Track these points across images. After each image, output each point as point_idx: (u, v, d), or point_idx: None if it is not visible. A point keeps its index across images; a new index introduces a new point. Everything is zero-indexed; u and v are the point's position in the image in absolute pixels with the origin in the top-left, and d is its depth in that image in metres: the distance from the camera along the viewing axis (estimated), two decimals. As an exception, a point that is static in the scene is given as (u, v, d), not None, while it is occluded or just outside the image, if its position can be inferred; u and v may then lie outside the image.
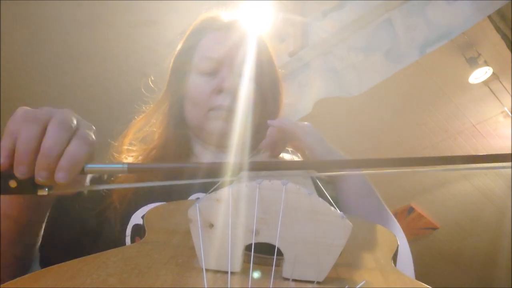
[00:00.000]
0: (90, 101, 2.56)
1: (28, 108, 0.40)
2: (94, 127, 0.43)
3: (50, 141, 0.37)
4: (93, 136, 0.41)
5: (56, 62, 2.33)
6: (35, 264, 0.53)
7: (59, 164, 0.37)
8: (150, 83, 0.78)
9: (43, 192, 0.39)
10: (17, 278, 0.27)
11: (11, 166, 0.37)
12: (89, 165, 0.39)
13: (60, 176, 0.36)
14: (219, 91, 0.66)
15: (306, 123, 0.60)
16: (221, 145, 0.70)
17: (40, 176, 0.37)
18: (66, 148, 0.38)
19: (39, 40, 2.20)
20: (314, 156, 0.57)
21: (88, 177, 0.66)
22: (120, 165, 0.40)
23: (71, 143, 0.38)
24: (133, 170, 0.41)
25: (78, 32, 2.17)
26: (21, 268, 0.51)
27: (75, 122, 0.40)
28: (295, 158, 0.60)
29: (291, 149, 0.67)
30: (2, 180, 0.37)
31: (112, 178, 0.65)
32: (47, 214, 0.51)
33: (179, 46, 0.75)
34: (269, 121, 0.59)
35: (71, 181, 0.37)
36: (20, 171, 0.37)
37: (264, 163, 0.42)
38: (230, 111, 0.66)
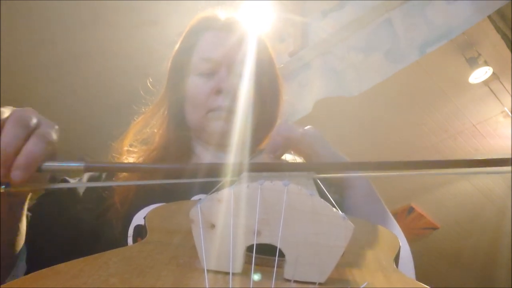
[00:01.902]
0: (91, 101, 2.56)
1: None
2: (57, 126, 0.42)
3: (5, 138, 0.37)
4: (54, 135, 0.41)
5: (57, 62, 2.33)
6: (20, 263, 0.53)
7: (15, 162, 0.37)
8: (149, 85, 0.78)
9: (0, 189, 0.39)
10: (18, 279, 0.27)
11: None
12: (47, 164, 0.39)
13: (16, 174, 0.36)
14: (218, 91, 0.66)
15: (310, 128, 0.57)
16: (222, 145, 0.70)
17: None
18: (23, 146, 0.37)
19: (39, 40, 2.20)
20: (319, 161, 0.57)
21: (85, 176, 0.66)
22: (77, 164, 0.39)
23: (28, 141, 0.38)
24: (90, 169, 0.41)
25: (79, 32, 2.17)
26: (4, 266, 0.51)
27: (34, 120, 0.40)
28: (297, 160, 0.60)
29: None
30: None
31: (113, 179, 0.65)
32: (24, 212, 0.50)
33: (176, 47, 0.74)
34: (277, 130, 0.56)
35: (28, 179, 0.37)
36: None
37: (266, 165, 0.42)
38: (229, 112, 0.66)
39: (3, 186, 0.39)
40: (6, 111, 0.39)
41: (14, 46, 2.21)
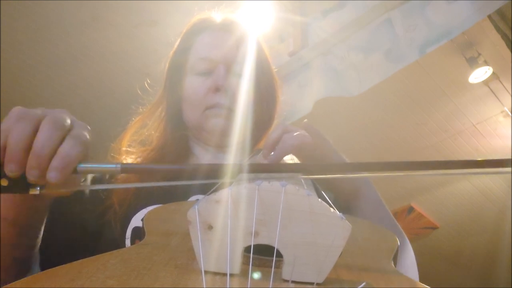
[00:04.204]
0: (91, 101, 2.56)
1: (23, 108, 0.39)
2: (89, 127, 0.42)
3: (41, 139, 0.37)
4: (88, 136, 0.41)
5: (57, 62, 2.33)
6: (35, 266, 0.53)
7: (51, 163, 0.36)
8: (147, 85, 0.78)
9: (35, 191, 0.39)
10: (17, 281, 0.27)
11: (2, 164, 0.37)
12: (82, 165, 0.38)
13: (52, 175, 0.36)
14: (215, 89, 0.66)
15: (311, 127, 0.55)
16: (220, 144, 0.70)
17: (31, 175, 0.37)
18: (59, 148, 0.37)
19: (39, 40, 2.20)
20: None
21: (89, 177, 0.66)
22: (113, 165, 0.39)
23: (64, 143, 0.38)
24: (126, 170, 0.41)
25: (79, 32, 2.17)
26: (21, 270, 0.51)
27: (68, 121, 0.40)
28: (295, 160, 0.59)
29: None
30: None
31: (112, 180, 0.65)
32: (46, 216, 0.50)
33: (174, 48, 0.75)
34: (277, 135, 0.53)
35: (64, 180, 0.37)
36: (10, 169, 0.36)
37: (264, 166, 0.42)
38: (227, 109, 0.67)
39: (38, 188, 0.39)
40: (40, 112, 0.39)
41: (14, 46, 2.21)
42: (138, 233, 0.56)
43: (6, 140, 0.36)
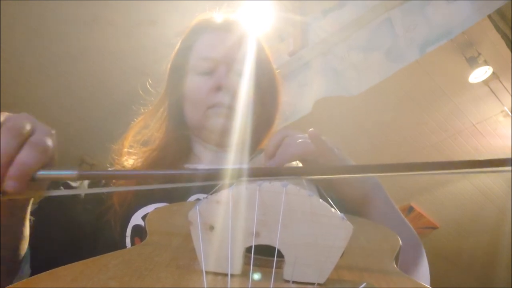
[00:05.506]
0: (90, 101, 2.56)
1: None
2: (53, 131, 0.42)
3: None
4: (49, 142, 0.40)
5: (56, 61, 2.33)
6: (25, 266, 0.53)
7: (8, 172, 0.36)
8: (148, 86, 0.78)
9: None
10: (18, 282, 0.27)
11: None
12: (41, 172, 0.38)
13: (9, 184, 0.36)
14: (217, 88, 0.67)
15: (318, 136, 0.53)
16: (222, 144, 0.70)
17: None
18: (17, 156, 0.37)
19: (39, 40, 2.20)
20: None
21: (86, 182, 0.66)
22: (70, 172, 0.39)
23: (21, 151, 0.37)
24: (83, 176, 0.41)
25: (78, 32, 2.17)
26: (9, 270, 0.51)
27: (28, 128, 0.39)
28: (299, 164, 0.59)
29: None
30: None
31: (113, 181, 0.65)
32: (26, 216, 0.50)
33: (175, 49, 0.75)
34: (277, 141, 0.53)
35: (22, 188, 0.37)
36: None
37: (265, 170, 0.42)
38: (229, 108, 0.67)
39: None
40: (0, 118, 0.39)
41: (13, 46, 2.21)
42: (138, 231, 0.56)
43: None
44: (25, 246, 0.52)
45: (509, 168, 0.36)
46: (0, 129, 0.37)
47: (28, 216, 0.50)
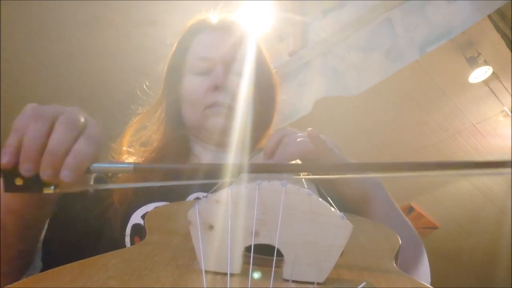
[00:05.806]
0: (89, 101, 2.56)
1: (37, 105, 0.39)
2: (101, 126, 0.43)
3: (56, 139, 0.37)
4: (100, 135, 0.41)
5: (56, 61, 2.33)
6: (37, 259, 0.53)
7: (65, 162, 0.36)
8: (146, 86, 0.79)
9: (49, 190, 0.39)
10: (18, 281, 0.27)
11: (17, 163, 0.37)
12: (95, 164, 0.38)
13: (66, 174, 0.36)
14: (214, 88, 0.67)
15: (317, 136, 0.53)
16: (221, 143, 0.70)
17: (45, 174, 0.36)
18: (73, 147, 0.37)
19: (39, 40, 2.20)
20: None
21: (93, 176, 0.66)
22: (127, 165, 0.39)
23: (78, 142, 0.38)
24: (139, 169, 0.41)
25: (78, 32, 2.17)
26: (24, 262, 0.52)
27: (82, 120, 0.40)
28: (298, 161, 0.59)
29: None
30: (8, 177, 0.37)
31: (113, 178, 0.66)
32: (52, 211, 0.51)
33: (172, 49, 0.75)
34: (277, 141, 0.52)
35: (77, 180, 0.37)
36: (25, 169, 0.36)
37: (265, 166, 0.42)
38: (227, 108, 0.67)
39: (52, 187, 0.39)
40: (54, 110, 0.39)
41: (14, 46, 2.21)
42: (138, 230, 0.56)
43: (21, 140, 0.36)
44: (41, 239, 0.53)
45: (509, 169, 0.36)
46: (57, 120, 0.38)
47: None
